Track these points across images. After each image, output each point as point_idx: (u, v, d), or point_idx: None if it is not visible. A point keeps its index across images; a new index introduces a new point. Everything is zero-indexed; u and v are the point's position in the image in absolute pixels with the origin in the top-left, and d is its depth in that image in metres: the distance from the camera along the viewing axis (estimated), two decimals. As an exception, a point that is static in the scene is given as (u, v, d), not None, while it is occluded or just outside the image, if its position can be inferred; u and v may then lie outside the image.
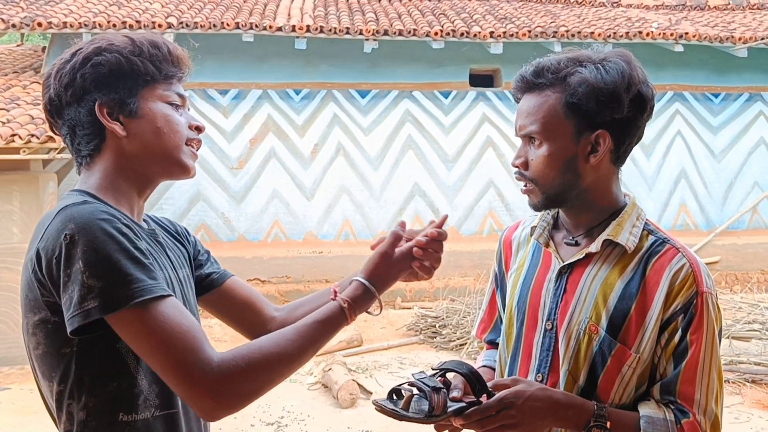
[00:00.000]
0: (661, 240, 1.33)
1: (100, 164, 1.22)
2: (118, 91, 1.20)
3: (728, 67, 9.90)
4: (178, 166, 1.26)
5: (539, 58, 1.36)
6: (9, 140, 6.15)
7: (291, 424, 4.92)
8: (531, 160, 1.34)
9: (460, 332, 6.84)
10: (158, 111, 1.23)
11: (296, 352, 1.14)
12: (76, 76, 1.18)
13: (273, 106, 9.10)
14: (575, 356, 1.32)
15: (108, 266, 1.04)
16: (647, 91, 1.30)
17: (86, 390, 1.12)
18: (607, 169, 1.34)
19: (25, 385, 5.80)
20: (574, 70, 1.29)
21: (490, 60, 9.30)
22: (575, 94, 1.27)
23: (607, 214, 1.36)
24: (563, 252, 1.40)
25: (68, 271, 1.05)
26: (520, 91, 1.37)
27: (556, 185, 1.32)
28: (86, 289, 1.03)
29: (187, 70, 1.29)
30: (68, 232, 1.05)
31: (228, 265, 1.53)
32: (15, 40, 12.82)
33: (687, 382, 1.25)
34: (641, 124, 1.33)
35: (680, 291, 1.25)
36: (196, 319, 1.35)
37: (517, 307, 1.44)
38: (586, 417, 1.24)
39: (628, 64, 1.29)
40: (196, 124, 1.29)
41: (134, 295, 1.04)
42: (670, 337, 1.26)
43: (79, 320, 1.03)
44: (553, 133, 1.30)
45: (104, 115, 1.19)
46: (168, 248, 1.31)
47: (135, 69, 1.20)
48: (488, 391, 1.25)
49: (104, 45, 1.20)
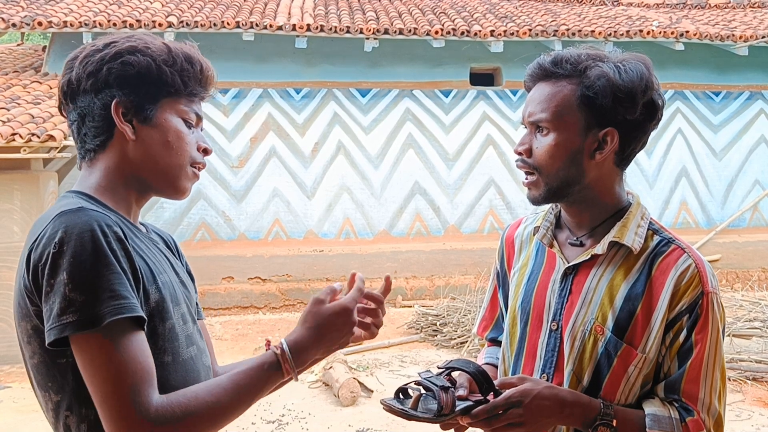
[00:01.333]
0: (666, 240, 1.33)
1: (103, 162, 1.21)
2: (139, 95, 1.18)
3: (729, 66, 9.89)
4: (173, 187, 1.24)
5: (558, 51, 1.36)
6: (9, 139, 6.15)
7: (292, 422, 4.92)
8: (536, 148, 1.33)
9: (460, 330, 6.84)
10: (172, 125, 1.21)
11: (230, 402, 1.09)
12: (103, 68, 1.16)
13: (273, 105, 9.10)
14: (580, 357, 1.32)
15: (91, 281, 1.02)
16: (659, 99, 1.31)
17: (86, 401, 1.08)
18: (609, 169, 1.34)
19: (25, 383, 5.80)
20: (594, 65, 1.29)
21: (491, 59, 9.30)
22: (592, 87, 1.27)
23: (610, 212, 1.36)
24: (568, 252, 1.40)
25: (51, 281, 1.02)
26: (534, 79, 1.37)
27: (559, 177, 1.31)
28: (67, 302, 1.01)
29: (212, 92, 1.28)
30: (57, 241, 1.03)
31: (228, 264, 1.53)
32: (15, 39, 12.82)
33: (691, 381, 1.25)
34: (648, 130, 1.33)
35: (686, 291, 1.26)
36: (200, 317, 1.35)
37: (521, 307, 1.44)
38: (593, 415, 1.25)
39: (648, 69, 1.30)
40: (204, 146, 1.27)
41: (112, 312, 1.01)
42: (675, 336, 1.27)
43: (55, 334, 1.01)
44: (562, 123, 1.30)
45: (118, 114, 1.18)
46: (165, 252, 1.30)
47: (163, 78, 1.19)
48: (495, 390, 1.25)
49: (140, 46, 1.19)
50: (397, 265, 8.91)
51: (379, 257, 8.85)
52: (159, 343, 1.14)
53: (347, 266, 8.84)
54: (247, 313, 8.35)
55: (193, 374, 1.21)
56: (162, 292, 1.16)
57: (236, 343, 7.07)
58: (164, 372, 1.14)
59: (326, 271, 8.77)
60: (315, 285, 8.69)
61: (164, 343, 1.15)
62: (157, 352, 1.13)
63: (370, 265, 8.81)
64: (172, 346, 1.17)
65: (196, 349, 1.24)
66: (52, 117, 6.68)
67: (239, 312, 8.33)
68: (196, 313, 1.32)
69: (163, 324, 1.15)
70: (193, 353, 1.23)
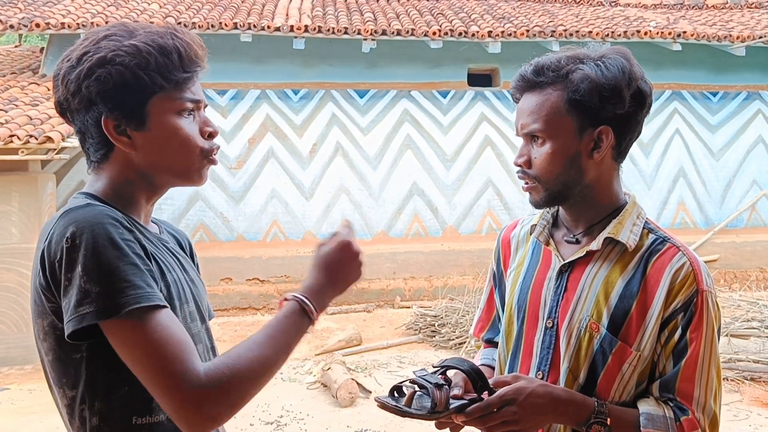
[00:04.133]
0: (661, 239, 1.33)
1: (108, 171, 1.20)
2: (124, 106, 1.14)
3: (726, 66, 9.91)
4: (186, 180, 1.23)
5: (537, 58, 1.37)
6: (7, 141, 6.15)
7: (290, 423, 4.92)
8: (534, 158, 1.34)
9: (458, 331, 6.84)
10: (168, 123, 1.17)
11: (271, 354, 1.11)
12: (81, 87, 1.13)
13: (271, 106, 9.10)
14: (576, 354, 1.32)
15: (106, 272, 1.02)
16: (646, 86, 1.32)
17: (99, 395, 1.10)
18: (609, 165, 1.35)
19: (24, 385, 5.80)
20: (575, 68, 1.30)
21: (489, 59, 9.31)
22: (578, 90, 1.28)
23: (608, 211, 1.37)
24: (563, 250, 1.40)
25: (69, 275, 1.03)
26: (519, 91, 1.38)
27: (560, 182, 1.32)
28: (83, 294, 1.01)
29: (201, 68, 1.21)
30: (69, 236, 1.03)
31: (227, 265, 1.54)
32: (13, 41, 12.81)
33: (686, 380, 1.25)
34: (641, 119, 1.34)
35: (681, 289, 1.26)
36: (209, 317, 1.35)
37: (517, 305, 1.45)
38: (587, 413, 1.25)
39: (627, 61, 1.31)
40: (210, 131, 1.22)
41: (130, 302, 1.02)
42: (670, 335, 1.27)
43: (74, 325, 1.02)
44: (556, 130, 1.31)
45: (111, 130, 1.15)
46: (176, 252, 1.30)
47: (141, 83, 1.13)
48: (489, 388, 1.26)
49: (109, 55, 1.12)
50: (396, 265, 8.91)
51: (378, 258, 8.86)
52: None
53: (346, 267, 8.84)
54: (245, 314, 8.35)
55: None
56: (170, 289, 1.17)
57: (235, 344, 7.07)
58: None
59: (325, 272, 8.76)
60: (313, 286, 8.69)
61: None
62: None
63: (369, 266, 8.71)
64: None
65: (202, 348, 1.25)
66: (50, 118, 6.68)
67: (237, 313, 8.33)
68: (206, 312, 1.33)
69: None
70: (200, 351, 1.22)
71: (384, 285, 8.79)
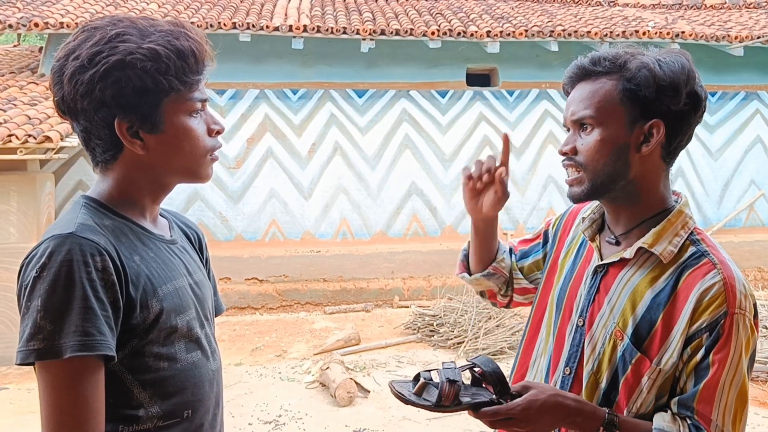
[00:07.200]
0: (701, 252, 1.27)
1: (115, 172, 1.20)
2: (140, 109, 1.13)
3: (725, 66, 9.92)
4: (194, 179, 1.24)
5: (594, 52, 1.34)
6: (6, 140, 6.15)
7: (289, 422, 4.93)
8: (580, 146, 1.31)
9: (457, 330, 6.85)
10: (181, 126, 1.17)
11: None
12: (95, 89, 1.10)
13: (270, 106, 9.10)
14: (600, 359, 1.31)
15: (62, 311, 1.02)
16: (702, 91, 1.30)
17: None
18: (656, 163, 1.32)
19: (22, 384, 5.80)
20: (633, 58, 1.28)
21: (487, 59, 9.32)
22: (634, 78, 1.26)
23: (650, 213, 1.33)
24: (604, 250, 1.39)
25: (28, 304, 1.04)
26: (573, 81, 1.35)
27: (605, 173, 1.29)
28: (36, 329, 1.02)
29: (209, 68, 1.23)
30: (40, 266, 1.04)
31: (226, 265, 1.54)
32: (12, 40, 12.80)
33: (704, 401, 1.21)
34: (693, 123, 1.31)
35: (708, 308, 1.21)
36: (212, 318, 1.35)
37: (558, 296, 1.44)
38: (596, 424, 1.24)
39: (689, 61, 1.29)
40: (216, 129, 1.24)
41: (74, 348, 1.02)
42: (693, 353, 1.22)
43: (21, 358, 1.03)
44: (606, 118, 1.28)
45: (124, 133, 1.14)
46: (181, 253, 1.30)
47: (160, 87, 1.13)
48: (510, 393, 1.27)
49: (127, 59, 1.10)
50: (394, 265, 8.92)
51: (376, 258, 8.86)
52: (155, 350, 1.15)
53: (344, 267, 8.85)
54: (244, 313, 8.35)
55: (192, 380, 1.21)
56: (163, 303, 1.16)
57: (233, 344, 7.08)
58: (160, 379, 1.16)
59: (323, 271, 8.78)
60: (312, 285, 8.70)
61: (160, 350, 1.16)
62: (153, 359, 1.15)
63: (367, 265, 8.82)
64: (168, 353, 1.18)
65: (199, 354, 1.24)
66: (48, 118, 6.67)
67: (236, 313, 8.33)
68: (211, 313, 1.33)
69: (161, 333, 1.16)
70: (195, 359, 1.23)
71: (382, 285, 8.80)
